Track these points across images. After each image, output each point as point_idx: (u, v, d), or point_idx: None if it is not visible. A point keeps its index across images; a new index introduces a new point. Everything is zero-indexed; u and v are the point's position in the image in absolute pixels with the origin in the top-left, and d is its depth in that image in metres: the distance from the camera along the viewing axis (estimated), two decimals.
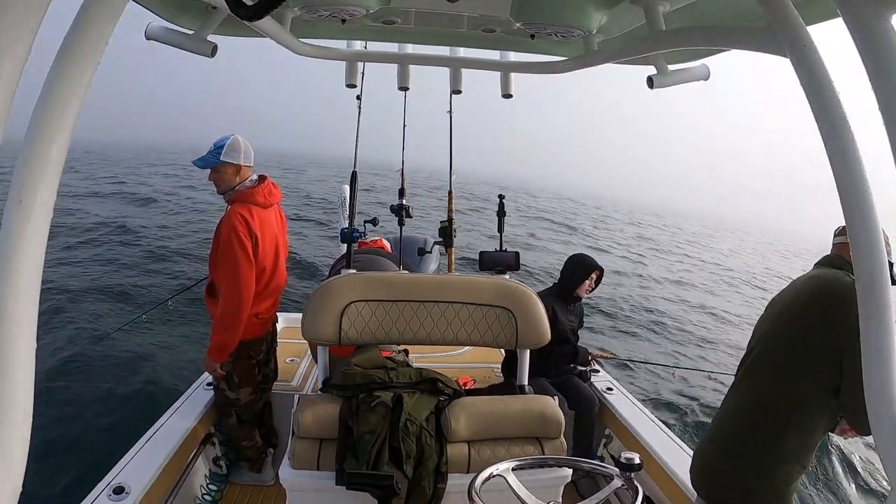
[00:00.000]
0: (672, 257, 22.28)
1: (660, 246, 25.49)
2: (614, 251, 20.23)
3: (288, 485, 2.15)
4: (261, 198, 2.87)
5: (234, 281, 2.75)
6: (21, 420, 0.63)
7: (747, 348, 2.01)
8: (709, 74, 1.76)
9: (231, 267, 2.75)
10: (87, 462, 4.46)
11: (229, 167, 2.82)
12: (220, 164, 2.81)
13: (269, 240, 2.91)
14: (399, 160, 4.26)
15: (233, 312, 2.77)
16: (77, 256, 11.22)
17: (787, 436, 1.76)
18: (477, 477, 1.53)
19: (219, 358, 2.86)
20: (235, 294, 2.76)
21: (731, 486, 1.85)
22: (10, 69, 0.55)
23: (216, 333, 2.82)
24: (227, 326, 2.79)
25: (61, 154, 0.67)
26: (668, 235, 33.49)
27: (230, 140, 2.82)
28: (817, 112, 0.84)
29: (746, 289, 17.77)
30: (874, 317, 0.80)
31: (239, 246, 2.74)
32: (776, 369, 1.83)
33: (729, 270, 21.47)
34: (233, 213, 2.78)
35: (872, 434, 0.80)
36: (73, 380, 6.57)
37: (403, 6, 1.59)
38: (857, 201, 0.80)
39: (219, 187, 2.86)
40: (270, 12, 0.61)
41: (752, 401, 1.88)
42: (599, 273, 3.56)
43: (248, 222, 2.78)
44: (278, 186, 3.03)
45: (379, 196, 17.30)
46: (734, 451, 1.87)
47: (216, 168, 2.82)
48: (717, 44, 1.32)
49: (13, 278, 0.63)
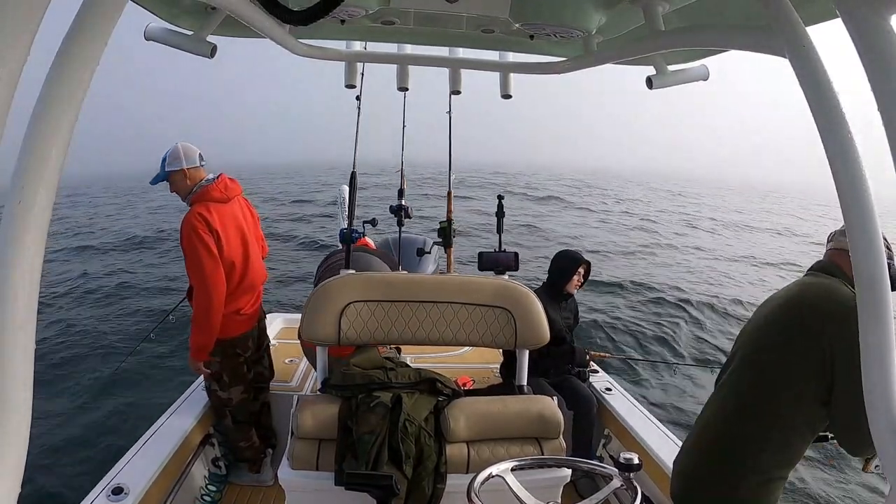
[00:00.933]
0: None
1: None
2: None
3: (287, 485, 2.15)
4: (217, 193, 2.93)
5: (202, 279, 2.80)
6: (21, 420, 0.63)
7: (730, 353, 1.94)
8: (708, 74, 1.76)
9: (196, 266, 2.80)
10: (86, 462, 4.46)
11: (177, 174, 2.89)
12: (167, 174, 2.90)
13: (234, 234, 2.95)
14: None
15: (205, 311, 2.81)
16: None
17: (766, 450, 1.69)
18: (476, 477, 1.53)
19: (200, 357, 2.90)
20: (204, 293, 2.80)
21: (709, 496, 1.81)
22: (10, 69, 0.55)
23: (193, 334, 2.87)
24: (201, 326, 2.83)
25: (61, 154, 0.67)
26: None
27: (171, 151, 2.91)
28: (817, 112, 0.84)
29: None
30: (874, 317, 0.80)
31: (200, 244, 2.79)
32: (757, 380, 1.75)
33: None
34: (191, 214, 2.85)
35: (872, 434, 0.80)
36: (74, 379, 6.57)
37: (403, 7, 1.59)
38: (857, 202, 0.80)
39: (180, 196, 2.95)
40: (325, 16, 0.61)
41: (731, 410, 1.80)
42: (587, 267, 3.55)
43: (207, 219, 2.83)
44: (236, 181, 3.09)
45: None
46: (712, 461, 1.81)
47: (168, 179, 2.92)
48: (717, 44, 1.32)
49: (13, 278, 0.63)
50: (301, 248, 14.95)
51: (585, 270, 3.56)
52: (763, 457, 1.70)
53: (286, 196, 29.91)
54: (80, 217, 23.12)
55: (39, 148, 0.66)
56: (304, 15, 0.60)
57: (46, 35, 0.69)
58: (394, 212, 4.06)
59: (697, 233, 21.85)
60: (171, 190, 2.95)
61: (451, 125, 4.16)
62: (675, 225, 23.64)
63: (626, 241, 17.97)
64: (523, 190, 34.98)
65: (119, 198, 34.72)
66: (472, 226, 15.47)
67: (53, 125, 0.67)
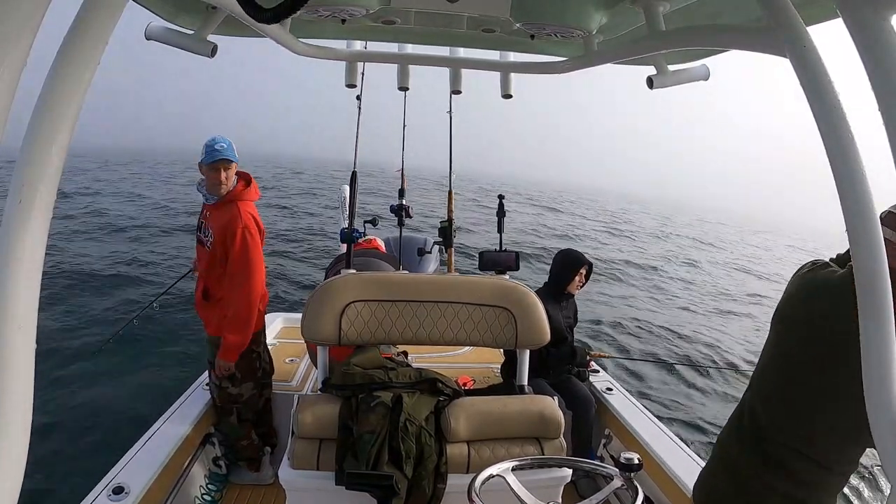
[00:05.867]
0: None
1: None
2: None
3: (287, 485, 2.15)
4: (257, 194, 2.96)
5: (251, 279, 2.81)
6: (21, 420, 0.63)
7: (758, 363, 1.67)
8: (709, 74, 1.76)
9: (248, 266, 2.80)
10: (86, 462, 4.47)
11: (235, 165, 2.86)
12: (232, 160, 2.82)
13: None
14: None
15: (249, 310, 2.81)
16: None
17: (800, 489, 1.47)
18: (477, 477, 1.53)
19: (232, 358, 2.89)
20: (252, 292, 2.81)
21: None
22: (10, 69, 0.55)
23: (232, 333, 2.84)
24: (243, 326, 2.83)
25: (61, 154, 0.67)
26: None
27: (227, 140, 2.83)
28: (817, 112, 0.84)
29: None
30: (874, 317, 0.79)
31: (254, 243, 2.79)
32: (784, 402, 1.50)
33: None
34: (244, 212, 2.83)
35: (872, 434, 0.80)
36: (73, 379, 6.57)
37: (403, 6, 1.59)
38: (857, 201, 0.80)
39: (217, 188, 2.83)
40: (291, 16, 0.61)
41: (758, 437, 1.54)
42: (588, 268, 3.55)
43: (256, 218, 2.86)
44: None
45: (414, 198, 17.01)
46: (739, 476, 1.58)
47: (227, 166, 2.80)
48: (717, 44, 1.32)
49: (13, 278, 0.63)
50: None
51: (587, 272, 3.56)
52: (798, 496, 1.49)
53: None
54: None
55: (40, 147, 0.66)
56: (274, 12, 0.60)
57: (46, 35, 0.69)
58: (394, 211, 4.06)
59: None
60: (216, 178, 2.77)
61: (452, 125, 4.17)
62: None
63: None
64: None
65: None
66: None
67: (53, 125, 0.67)
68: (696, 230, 37.37)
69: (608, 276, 14.16)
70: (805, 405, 1.46)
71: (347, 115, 3.81)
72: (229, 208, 2.83)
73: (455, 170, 4.33)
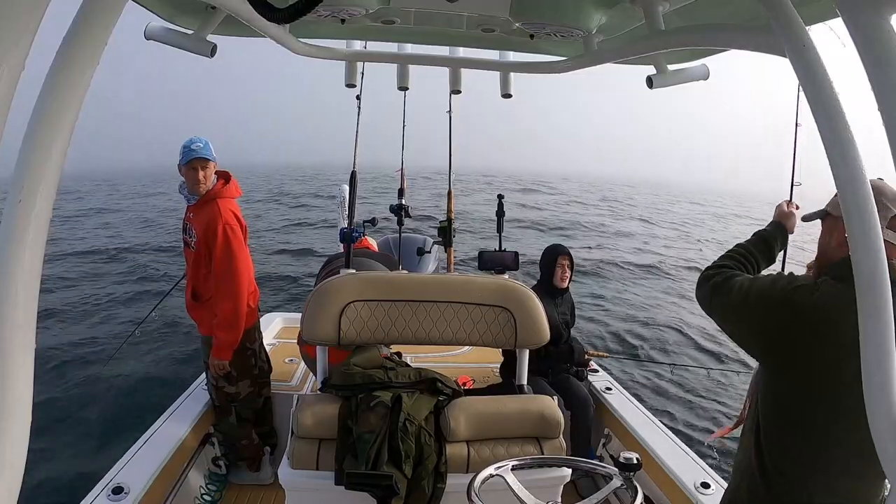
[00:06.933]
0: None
1: None
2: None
3: (287, 485, 2.15)
4: (237, 190, 2.96)
5: (236, 276, 2.80)
6: (21, 420, 0.63)
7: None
8: (708, 74, 1.76)
9: (231, 262, 2.79)
10: (86, 462, 4.46)
11: (213, 164, 2.87)
12: (210, 160, 2.83)
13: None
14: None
15: (236, 307, 2.81)
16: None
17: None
18: (476, 477, 1.53)
19: (226, 356, 2.88)
20: (239, 289, 2.80)
21: None
22: (9, 69, 0.55)
23: (223, 332, 2.83)
24: (233, 324, 2.83)
25: (61, 154, 0.67)
26: None
27: (205, 140, 2.84)
28: (817, 112, 0.84)
29: None
30: (874, 318, 0.79)
31: (235, 239, 2.78)
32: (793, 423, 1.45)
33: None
34: (223, 209, 2.83)
35: (872, 434, 0.79)
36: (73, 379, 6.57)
37: (403, 6, 1.59)
38: (857, 201, 0.80)
39: (198, 187, 2.83)
40: (306, 14, 0.61)
41: (776, 460, 1.47)
42: (568, 258, 3.52)
43: (237, 214, 2.86)
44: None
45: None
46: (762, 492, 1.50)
47: (205, 165, 2.82)
48: (717, 44, 1.32)
49: (13, 278, 0.63)
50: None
51: (569, 262, 3.52)
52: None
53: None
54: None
55: (39, 148, 0.66)
56: (289, 12, 0.60)
57: (46, 35, 0.69)
58: (394, 211, 4.06)
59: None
60: (195, 178, 2.80)
61: (451, 125, 4.17)
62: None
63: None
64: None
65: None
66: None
67: (53, 125, 0.67)
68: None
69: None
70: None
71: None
72: (210, 207, 2.83)
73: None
